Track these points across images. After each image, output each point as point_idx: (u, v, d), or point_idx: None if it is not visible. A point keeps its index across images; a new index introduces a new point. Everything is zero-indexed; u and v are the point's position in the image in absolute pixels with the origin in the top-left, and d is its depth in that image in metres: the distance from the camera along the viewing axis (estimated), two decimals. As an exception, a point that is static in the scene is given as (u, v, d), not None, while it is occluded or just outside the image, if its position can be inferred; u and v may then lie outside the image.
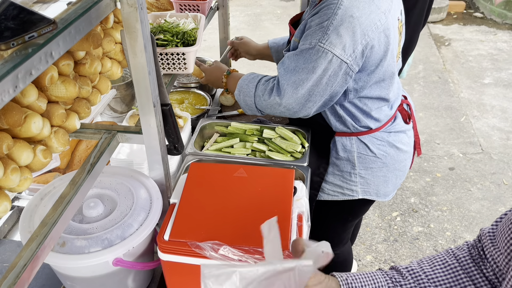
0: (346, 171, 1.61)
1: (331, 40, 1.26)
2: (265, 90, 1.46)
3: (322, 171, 1.62)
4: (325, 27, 1.27)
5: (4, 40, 0.61)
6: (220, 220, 1.01)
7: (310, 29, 1.32)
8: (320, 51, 1.28)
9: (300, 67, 1.34)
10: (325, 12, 1.27)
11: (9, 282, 0.71)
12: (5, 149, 0.76)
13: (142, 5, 0.87)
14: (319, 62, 1.29)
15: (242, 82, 1.52)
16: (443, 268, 0.86)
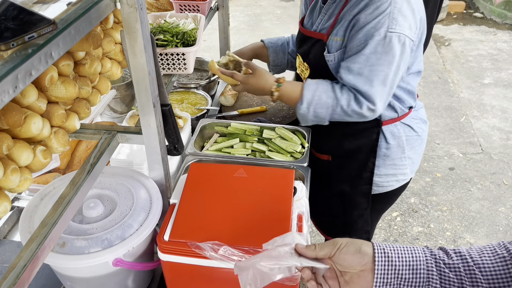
0: (397, 157, 1.59)
1: (399, 23, 1.26)
2: (350, 100, 1.37)
3: (370, 165, 1.58)
4: (389, 13, 1.25)
5: (4, 40, 0.61)
6: (220, 220, 1.01)
7: (369, 23, 1.28)
8: (393, 37, 1.26)
9: (377, 63, 1.29)
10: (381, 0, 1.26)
11: (9, 282, 0.71)
12: (5, 150, 0.76)
13: (142, 6, 0.87)
14: (394, 49, 1.28)
15: (309, 93, 1.39)
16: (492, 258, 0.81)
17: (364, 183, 1.62)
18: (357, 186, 1.64)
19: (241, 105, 2.16)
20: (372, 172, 1.59)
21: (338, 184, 1.68)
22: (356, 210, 1.70)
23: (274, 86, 1.46)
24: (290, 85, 1.46)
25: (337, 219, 1.79)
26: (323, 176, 1.71)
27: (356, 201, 1.68)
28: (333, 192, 1.72)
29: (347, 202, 1.70)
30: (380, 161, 1.59)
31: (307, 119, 1.45)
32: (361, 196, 1.65)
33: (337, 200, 1.72)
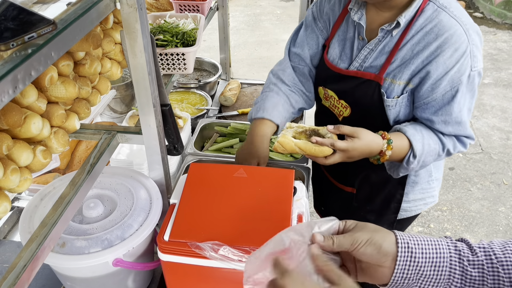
0: (425, 181, 1.51)
1: (478, 58, 1.19)
2: (455, 142, 1.29)
3: (398, 197, 1.49)
4: (470, 53, 1.17)
5: (4, 40, 0.61)
6: (220, 220, 1.01)
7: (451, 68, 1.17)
8: (476, 75, 1.20)
9: (465, 103, 1.23)
10: (456, 40, 1.15)
11: (9, 282, 0.71)
12: (5, 150, 0.76)
13: (141, 6, 0.87)
14: (476, 84, 1.23)
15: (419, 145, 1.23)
16: None
17: (390, 213, 1.54)
18: (383, 215, 1.56)
19: (241, 105, 2.16)
20: (399, 202, 1.51)
21: (362, 215, 1.58)
22: None
23: (385, 145, 1.22)
24: (397, 139, 1.24)
25: None
26: (344, 205, 1.62)
27: None
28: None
29: None
30: (409, 188, 1.50)
31: (413, 169, 1.30)
32: (386, 225, 1.56)
33: None
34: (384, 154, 1.22)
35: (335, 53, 1.36)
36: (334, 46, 1.37)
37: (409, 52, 1.20)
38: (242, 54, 4.91)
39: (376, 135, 1.23)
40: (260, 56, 4.86)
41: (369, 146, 1.21)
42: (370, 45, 1.27)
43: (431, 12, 1.18)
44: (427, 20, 1.18)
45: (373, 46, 1.26)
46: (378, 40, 1.25)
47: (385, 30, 1.23)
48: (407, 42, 1.20)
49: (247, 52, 4.96)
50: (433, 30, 1.17)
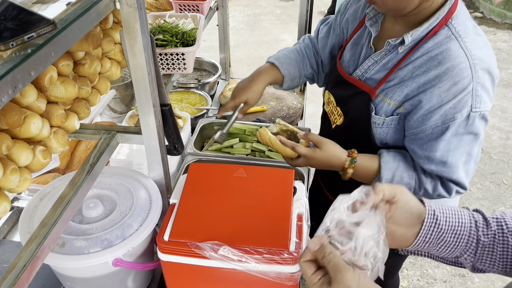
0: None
1: (483, 99, 1.08)
2: (436, 185, 1.20)
3: None
4: (470, 90, 1.06)
5: (4, 40, 0.61)
6: (220, 220, 1.01)
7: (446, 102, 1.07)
8: (477, 116, 1.08)
9: (459, 145, 1.12)
10: (457, 74, 1.06)
11: (8, 282, 0.71)
12: (5, 150, 0.76)
13: (141, 6, 0.87)
14: (478, 126, 1.10)
15: (389, 173, 1.20)
16: None
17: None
18: None
19: (241, 105, 2.15)
20: None
21: None
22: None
23: (347, 162, 1.21)
24: (364, 160, 1.22)
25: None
26: None
27: None
28: None
29: None
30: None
31: None
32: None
33: None
34: (346, 171, 1.22)
35: (347, 56, 1.33)
36: (348, 49, 1.33)
37: (409, 73, 1.13)
38: (242, 54, 4.91)
39: (343, 151, 1.22)
40: (260, 56, 4.86)
41: (329, 160, 1.22)
42: (375, 56, 1.21)
43: (443, 38, 1.09)
44: (436, 45, 1.09)
45: (378, 58, 1.21)
46: (384, 54, 1.19)
47: (391, 45, 1.17)
48: (409, 62, 1.13)
49: (247, 52, 4.96)
50: (437, 57, 1.08)
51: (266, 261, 0.92)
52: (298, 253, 0.93)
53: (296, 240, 0.97)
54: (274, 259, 0.92)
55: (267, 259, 0.92)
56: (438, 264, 2.56)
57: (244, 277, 0.96)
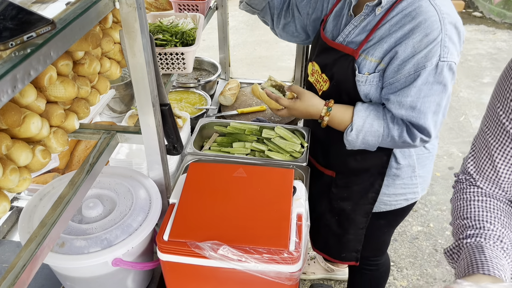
0: (407, 176, 1.52)
1: (450, 51, 1.20)
2: (402, 131, 1.30)
3: (377, 187, 1.51)
4: (440, 41, 1.18)
5: (3, 40, 0.61)
6: (220, 220, 1.01)
7: (418, 52, 1.20)
8: (444, 66, 1.20)
9: (429, 94, 1.23)
10: (429, 26, 1.18)
11: (8, 282, 0.71)
12: (4, 150, 0.76)
13: (140, 5, 0.87)
14: (446, 77, 1.22)
15: (360, 120, 1.32)
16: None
17: (367, 203, 1.55)
18: (359, 205, 1.57)
19: (240, 104, 2.16)
20: (377, 193, 1.52)
21: (339, 201, 1.60)
22: (352, 229, 1.63)
23: (323, 111, 1.37)
24: (340, 109, 1.37)
25: (329, 234, 1.71)
26: (323, 191, 1.64)
27: (356, 220, 1.61)
28: (332, 208, 1.64)
29: (345, 220, 1.63)
30: (390, 181, 1.52)
31: (355, 145, 1.37)
32: (361, 215, 1.59)
33: (334, 217, 1.65)
34: (322, 119, 1.38)
35: (330, 27, 1.45)
36: (330, 20, 1.45)
37: (386, 31, 1.25)
38: (242, 53, 4.91)
39: (321, 101, 1.39)
40: (260, 56, 4.85)
41: (308, 109, 1.40)
42: (355, 21, 1.33)
43: None
44: (409, 4, 1.22)
45: (358, 22, 1.32)
46: (363, 17, 1.31)
47: (370, 7, 1.28)
48: (386, 22, 1.26)
49: (247, 52, 4.96)
50: (411, 13, 1.21)
51: (266, 261, 0.92)
52: (298, 252, 0.93)
53: (296, 240, 0.97)
54: (274, 259, 0.92)
55: (267, 259, 0.92)
56: (438, 264, 2.56)
57: (243, 276, 0.96)
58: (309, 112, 1.41)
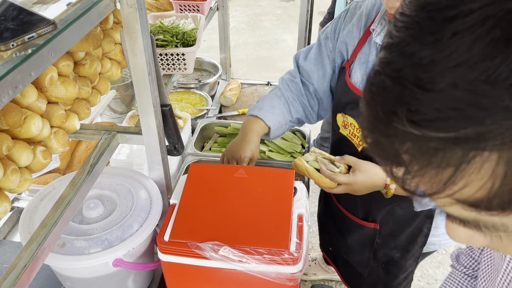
0: None
1: None
2: None
3: (426, 230, 1.39)
4: None
5: (4, 41, 0.61)
6: (220, 220, 1.01)
7: None
8: None
9: None
10: None
11: (9, 283, 0.71)
12: (5, 150, 0.76)
13: (141, 6, 0.87)
14: None
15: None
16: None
17: (416, 247, 1.44)
18: (408, 251, 1.45)
19: (241, 105, 2.16)
20: (427, 236, 1.40)
21: (386, 252, 1.48)
22: (402, 273, 1.51)
23: (389, 178, 1.11)
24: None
25: (378, 281, 1.58)
26: (365, 242, 1.50)
27: (405, 265, 1.49)
28: (377, 258, 1.51)
29: (393, 267, 1.50)
30: (438, 222, 1.38)
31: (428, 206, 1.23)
32: (411, 259, 1.48)
33: (381, 265, 1.52)
34: (389, 187, 1.18)
35: (357, 76, 1.28)
36: (356, 69, 1.28)
37: None
38: (242, 54, 4.91)
39: (379, 168, 1.16)
40: (260, 56, 4.86)
41: (372, 179, 1.18)
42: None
43: None
44: None
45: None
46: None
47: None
48: None
49: (247, 52, 4.96)
50: None
51: (267, 262, 0.92)
52: (299, 253, 0.93)
53: (297, 241, 0.97)
54: (275, 260, 0.92)
55: (268, 260, 0.92)
56: (439, 265, 2.56)
57: (244, 277, 0.96)
58: (373, 183, 1.19)
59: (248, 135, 1.34)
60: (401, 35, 0.31)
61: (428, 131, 0.29)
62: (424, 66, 0.28)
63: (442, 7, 0.29)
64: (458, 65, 0.27)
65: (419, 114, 0.29)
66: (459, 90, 0.27)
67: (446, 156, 0.29)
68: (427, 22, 0.29)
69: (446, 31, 0.28)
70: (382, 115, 0.31)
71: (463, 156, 0.28)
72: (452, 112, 0.27)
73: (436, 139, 0.29)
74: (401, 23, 0.31)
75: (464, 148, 0.28)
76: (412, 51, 0.29)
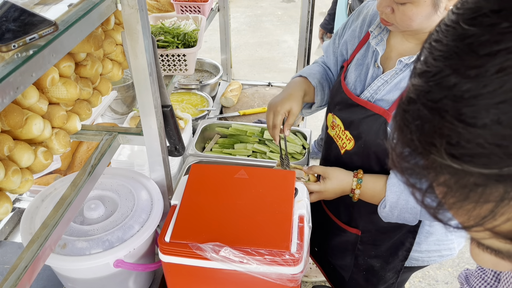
0: (441, 233, 1.36)
1: None
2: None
3: (408, 245, 1.36)
4: None
5: (5, 42, 0.61)
6: (221, 221, 1.01)
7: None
8: None
9: None
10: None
11: (10, 283, 0.71)
12: (6, 151, 0.76)
13: (143, 7, 0.87)
14: None
15: (394, 196, 1.16)
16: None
17: (397, 261, 1.41)
18: (389, 263, 1.43)
19: (242, 106, 2.16)
20: (408, 251, 1.38)
21: (366, 258, 1.46)
22: (382, 285, 1.50)
23: (354, 183, 1.21)
24: (371, 180, 1.21)
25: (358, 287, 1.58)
26: (346, 247, 1.49)
27: (385, 277, 1.47)
28: (358, 264, 1.50)
29: (373, 277, 1.49)
30: (422, 238, 1.36)
31: (391, 220, 1.23)
32: (391, 272, 1.45)
33: (361, 272, 1.51)
34: (354, 192, 1.22)
35: (351, 78, 1.27)
36: (351, 70, 1.28)
37: None
38: (243, 55, 4.91)
39: (348, 173, 1.22)
40: (261, 57, 4.86)
41: (341, 185, 1.22)
42: (385, 76, 1.15)
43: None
44: None
45: (389, 78, 1.15)
46: (395, 72, 1.14)
47: (404, 63, 1.12)
48: None
49: (248, 53, 4.96)
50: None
51: (268, 263, 0.92)
52: (300, 254, 0.93)
53: (298, 242, 0.97)
54: (276, 261, 0.92)
55: (269, 261, 0.92)
56: (440, 266, 2.56)
57: (245, 278, 0.96)
58: (342, 189, 1.23)
59: (290, 89, 1.35)
60: (439, 64, 0.30)
61: (469, 166, 0.28)
62: (466, 100, 0.28)
63: (483, 40, 0.28)
64: (503, 101, 0.26)
65: (460, 148, 0.28)
66: (504, 127, 0.27)
67: (486, 192, 0.29)
68: (468, 55, 0.29)
69: (490, 66, 0.27)
70: (419, 144, 0.31)
71: (506, 192, 0.28)
72: (496, 149, 0.27)
73: (477, 174, 0.28)
74: (438, 52, 0.30)
75: (507, 185, 0.28)
76: (453, 83, 0.29)
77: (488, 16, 0.28)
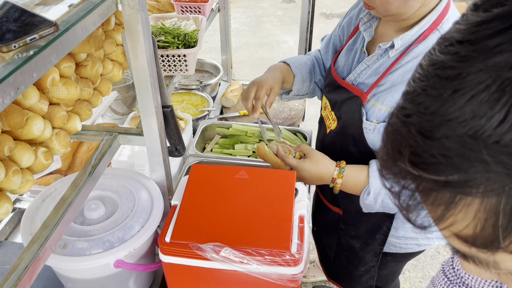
0: None
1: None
2: None
3: (385, 229, 1.39)
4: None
5: (6, 42, 0.61)
6: (222, 221, 1.01)
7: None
8: None
9: None
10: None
11: (10, 284, 0.71)
12: (7, 151, 0.76)
13: (143, 7, 0.87)
14: None
15: (378, 182, 1.17)
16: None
17: (376, 244, 1.45)
18: (368, 245, 1.46)
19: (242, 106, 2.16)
20: (386, 235, 1.41)
21: (347, 238, 1.50)
22: (362, 266, 1.53)
23: (335, 172, 1.21)
24: (353, 170, 1.21)
25: (340, 268, 1.63)
26: (331, 226, 1.54)
27: (365, 259, 1.50)
28: (340, 244, 1.55)
29: (354, 257, 1.53)
30: (399, 223, 1.39)
31: (373, 209, 1.24)
32: (371, 254, 1.49)
33: (343, 252, 1.55)
34: (335, 182, 1.22)
35: (341, 61, 1.32)
36: (342, 54, 1.33)
37: (399, 78, 1.12)
38: (244, 55, 4.91)
39: (331, 162, 1.23)
40: (262, 58, 4.86)
41: (320, 170, 1.23)
42: (368, 60, 1.20)
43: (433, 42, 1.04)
44: (426, 49, 1.06)
45: (371, 62, 1.19)
46: (376, 58, 1.18)
47: (382, 49, 1.16)
48: (400, 66, 1.12)
49: (249, 54, 4.97)
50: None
51: (268, 263, 0.92)
52: (300, 254, 0.93)
53: (298, 242, 0.97)
54: (276, 261, 0.92)
55: (269, 261, 0.92)
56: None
57: (245, 278, 0.96)
58: (319, 174, 1.23)
59: (271, 72, 1.42)
60: (415, 85, 0.35)
61: (424, 173, 0.33)
62: (427, 116, 0.33)
63: (447, 66, 0.33)
64: (452, 119, 0.31)
65: (419, 157, 0.33)
66: (450, 141, 0.31)
67: (438, 196, 0.34)
68: (434, 78, 0.34)
69: (447, 88, 0.32)
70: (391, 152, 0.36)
71: (450, 197, 0.33)
72: (443, 159, 0.32)
73: (430, 180, 0.33)
74: (418, 75, 0.36)
75: (451, 191, 0.33)
76: (420, 101, 0.34)
77: (454, 45, 0.34)
